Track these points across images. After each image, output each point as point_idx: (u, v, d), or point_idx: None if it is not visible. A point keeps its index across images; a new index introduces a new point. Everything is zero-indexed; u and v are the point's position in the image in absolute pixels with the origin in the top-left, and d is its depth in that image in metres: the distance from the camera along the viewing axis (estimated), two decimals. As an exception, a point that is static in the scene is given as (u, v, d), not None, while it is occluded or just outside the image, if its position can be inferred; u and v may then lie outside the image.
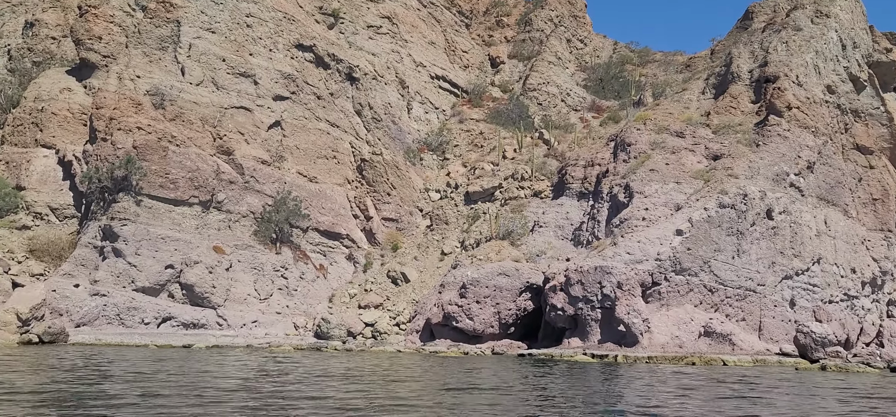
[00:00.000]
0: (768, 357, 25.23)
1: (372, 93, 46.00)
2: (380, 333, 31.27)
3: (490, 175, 43.13)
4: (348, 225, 38.96)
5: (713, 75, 41.53)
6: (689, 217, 27.80)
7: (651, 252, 26.93)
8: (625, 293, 25.79)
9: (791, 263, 30.12)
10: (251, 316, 31.04)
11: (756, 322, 28.70)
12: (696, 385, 15.33)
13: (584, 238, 33.47)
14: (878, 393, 14.63)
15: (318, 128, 40.24)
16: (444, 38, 60.84)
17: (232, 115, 36.40)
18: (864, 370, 19.77)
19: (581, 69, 64.18)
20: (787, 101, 33.75)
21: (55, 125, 34.57)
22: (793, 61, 36.45)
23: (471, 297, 30.11)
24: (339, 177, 40.19)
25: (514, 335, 30.33)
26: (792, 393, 14.28)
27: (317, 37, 42.83)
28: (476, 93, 55.61)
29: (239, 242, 33.36)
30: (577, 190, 36.45)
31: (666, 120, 36.72)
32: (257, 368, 17.18)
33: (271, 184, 35.96)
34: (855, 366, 20.03)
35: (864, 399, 13.73)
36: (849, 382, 16.84)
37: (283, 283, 33.49)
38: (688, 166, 31.94)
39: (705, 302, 27.55)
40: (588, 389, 14.26)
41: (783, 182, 31.49)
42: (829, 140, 35.14)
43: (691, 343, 25.97)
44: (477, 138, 50.45)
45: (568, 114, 55.61)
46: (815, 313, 30.64)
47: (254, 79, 38.05)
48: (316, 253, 36.92)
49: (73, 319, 26.88)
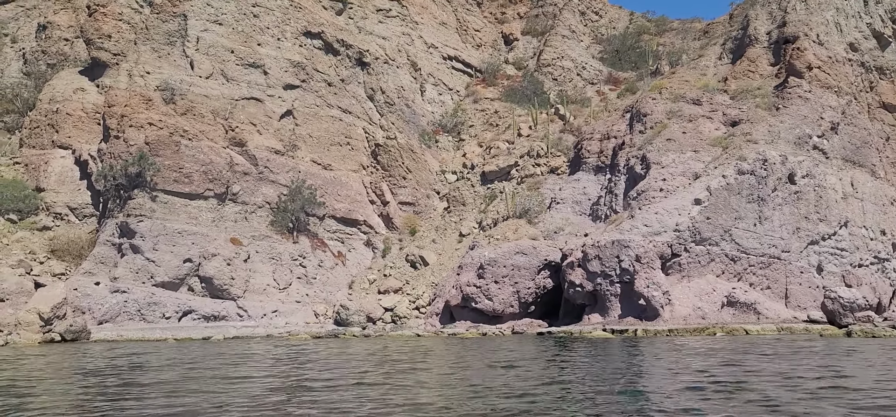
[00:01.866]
0: (795, 324, 24.65)
1: (384, 77, 45.68)
2: (399, 317, 31.15)
3: (505, 154, 42.69)
4: (365, 211, 38.83)
5: (730, 39, 40.58)
6: (708, 185, 27.19)
7: (669, 223, 26.40)
8: (643, 266, 25.33)
9: (817, 228, 29.39)
10: (271, 305, 31.10)
11: (782, 289, 28.08)
12: (705, 354, 14.96)
13: (602, 212, 32.98)
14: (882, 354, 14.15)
15: (330, 116, 40.06)
16: (455, 18, 60.19)
17: (243, 107, 36.35)
18: (892, 333, 19.17)
19: (596, 42, 63.23)
20: (807, 61, 32.82)
21: (70, 125, 34.80)
22: (812, 20, 35.42)
23: (489, 277, 29.82)
24: (353, 163, 40.03)
25: (535, 313, 30.02)
26: (778, 359, 13.84)
27: (325, 23, 42.56)
28: (490, 72, 55.02)
29: (256, 233, 33.38)
30: (593, 164, 35.91)
31: (682, 88, 35.97)
32: (275, 358, 17.12)
33: (285, 173, 35.90)
34: (883, 330, 19.44)
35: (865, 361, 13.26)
36: (869, 346, 16.31)
37: (301, 272, 33.49)
38: (705, 134, 31.24)
39: (728, 271, 26.99)
40: (602, 367, 13.94)
41: (806, 145, 30.68)
42: (853, 99, 34.16)
43: (714, 313, 25.47)
44: (492, 117, 49.96)
45: (584, 88, 54.81)
46: (845, 278, 29.91)
47: (263, 69, 37.93)
48: (334, 240, 36.87)
49: (95, 317, 27.11)
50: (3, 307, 25.08)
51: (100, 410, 9.38)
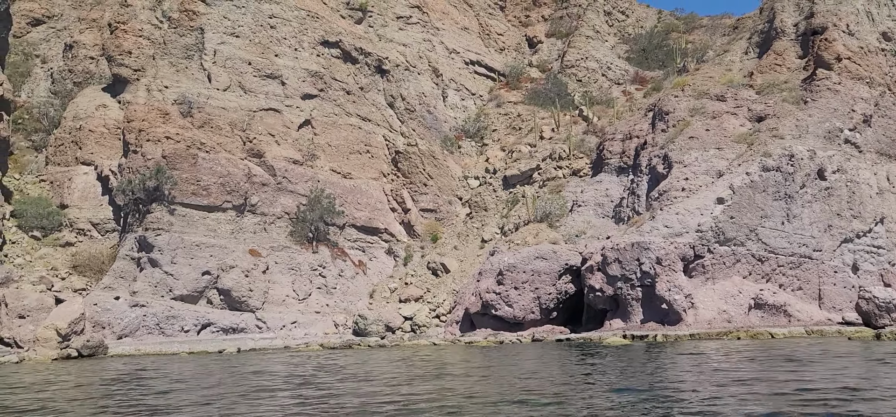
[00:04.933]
0: (827, 327, 23.56)
1: (404, 84, 45.42)
2: (419, 326, 30.70)
3: (527, 157, 42.04)
4: (386, 219, 38.53)
5: (756, 33, 39.36)
6: (731, 183, 26.22)
7: (691, 223, 25.50)
8: (665, 268, 24.48)
9: (850, 225, 28.16)
10: (290, 317, 30.93)
11: (815, 290, 26.93)
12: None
13: (624, 214, 32.12)
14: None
15: (349, 124, 39.90)
16: (477, 23, 59.75)
17: (261, 118, 36.37)
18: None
19: (622, 41, 62.18)
20: (836, 52, 31.58)
21: (93, 142, 35.20)
22: (842, 9, 34.10)
23: (508, 283, 29.21)
24: (373, 171, 39.78)
25: (557, 320, 29.30)
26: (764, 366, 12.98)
27: (342, 32, 42.48)
28: (513, 76, 54.41)
29: (275, 244, 33.30)
30: (615, 165, 35.07)
31: (706, 84, 34.95)
32: (256, 373, 16.80)
33: (304, 183, 35.80)
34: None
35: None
36: (885, 350, 15.31)
37: (321, 282, 33.29)
38: (730, 130, 30.22)
39: (755, 272, 25.96)
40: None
41: (836, 139, 29.46)
42: (887, 90, 32.75)
43: (741, 316, 24.49)
44: (515, 121, 49.33)
45: (610, 88, 53.86)
46: (883, 277, 28.67)
47: (281, 79, 37.94)
48: (354, 249, 36.62)
49: (115, 331, 27.22)
50: (24, 324, 25.29)
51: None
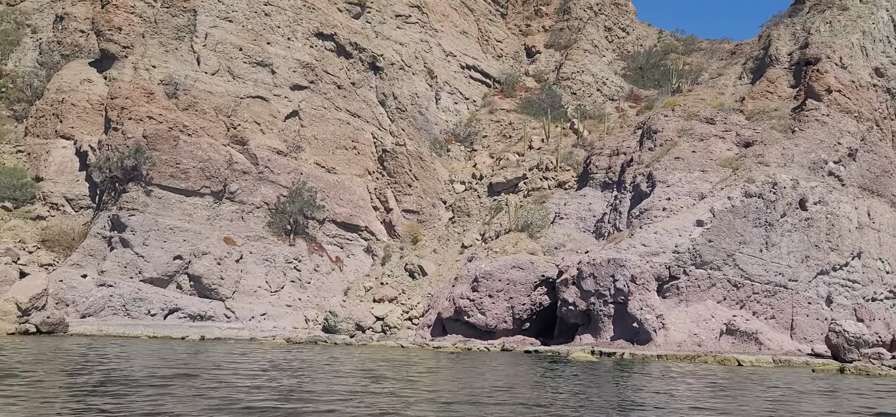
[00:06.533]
0: (795, 357, 23.29)
1: (397, 83, 45.11)
2: (390, 328, 30.36)
3: (514, 166, 41.77)
4: (367, 216, 38.20)
5: (751, 59, 39.23)
6: (712, 207, 25.97)
7: (668, 244, 25.24)
8: (639, 287, 24.20)
9: (828, 257, 27.94)
10: (260, 308, 30.54)
11: (788, 320, 26.69)
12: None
13: (605, 230, 31.85)
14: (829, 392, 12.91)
15: (337, 119, 39.57)
16: (477, 28, 59.54)
17: (248, 105, 36.02)
18: (889, 373, 17.81)
19: (621, 58, 62.12)
20: (827, 84, 31.41)
21: (74, 116, 34.79)
22: (836, 42, 33.97)
23: (483, 291, 28.91)
24: (358, 167, 39.45)
25: (530, 331, 29.01)
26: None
27: (338, 25, 42.17)
28: (508, 83, 54.21)
29: (251, 233, 32.92)
30: (600, 180, 34.81)
31: (696, 106, 34.75)
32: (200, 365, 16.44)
33: (287, 174, 35.44)
34: (880, 369, 18.09)
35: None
36: (836, 384, 15.03)
37: (295, 276, 32.92)
38: (716, 154, 29.99)
39: (730, 297, 25.70)
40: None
41: (820, 170, 29.26)
42: (874, 126, 32.60)
43: (712, 341, 24.22)
44: (506, 128, 49.09)
45: (604, 103, 53.72)
46: (856, 311, 28.33)
47: (271, 68, 37.61)
48: (332, 245, 36.27)
49: (78, 310, 26.80)
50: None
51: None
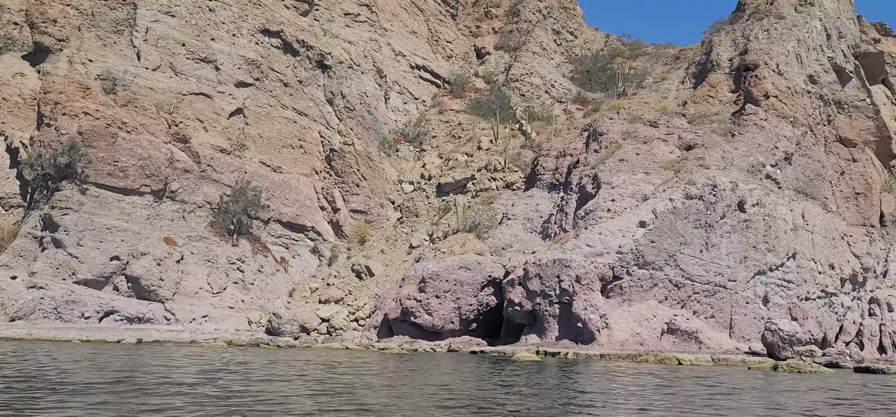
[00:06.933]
0: (733, 356, 23.88)
1: (346, 81, 44.68)
2: (335, 329, 30.00)
3: (463, 166, 41.84)
4: (314, 216, 37.70)
5: (694, 65, 40.13)
6: (654, 208, 26.45)
7: (613, 244, 25.59)
8: (583, 287, 24.47)
9: (765, 258, 28.75)
10: (201, 310, 29.80)
11: (726, 319, 27.36)
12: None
13: (552, 231, 32.14)
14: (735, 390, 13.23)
15: (283, 117, 38.95)
16: (427, 28, 59.48)
17: (190, 102, 35.14)
18: (819, 370, 18.40)
19: (569, 61, 62.87)
20: (764, 90, 32.36)
21: (5, 111, 33.34)
22: (773, 50, 35.03)
23: (430, 292, 28.82)
24: (305, 167, 38.91)
25: (477, 331, 29.04)
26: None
27: (285, 22, 41.53)
28: (458, 84, 54.30)
29: (193, 233, 32.11)
30: (547, 181, 35.14)
31: (641, 109, 35.37)
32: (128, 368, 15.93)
33: (230, 173, 34.71)
34: (810, 366, 18.67)
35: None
36: (770, 382, 15.46)
37: (238, 276, 32.25)
38: (659, 156, 30.57)
39: (671, 297, 26.21)
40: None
41: (758, 173, 30.11)
42: (809, 131, 33.72)
43: (654, 340, 24.65)
44: (456, 129, 49.15)
45: (552, 105, 54.28)
46: (791, 310, 29.29)
47: (215, 64, 36.79)
48: (277, 245, 35.67)
49: (7, 313, 25.68)
50: None
51: None
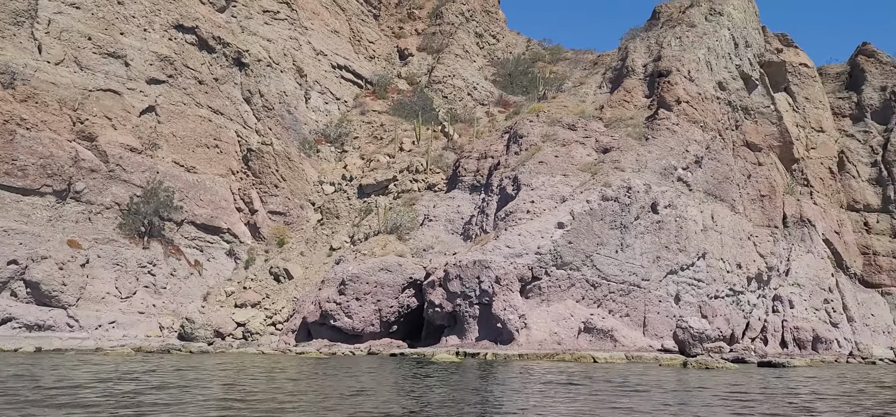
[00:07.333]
0: (647, 353, 24.58)
1: (265, 80, 43.61)
2: (252, 334, 29.17)
3: (385, 167, 41.55)
4: (230, 218, 36.58)
5: (610, 70, 41.24)
6: (571, 209, 26.94)
7: (531, 245, 25.91)
8: (503, 288, 24.65)
9: (676, 258, 29.76)
10: (109, 316, 28.39)
11: (640, 317, 28.15)
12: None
13: (473, 232, 32.29)
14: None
15: (198, 115, 37.64)
16: (349, 28, 58.83)
17: (97, 98, 33.47)
18: (725, 365, 19.17)
19: (491, 64, 63.49)
20: (676, 96, 33.53)
21: None
22: (685, 56, 36.37)
23: (350, 294, 28.42)
24: (221, 167, 37.71)
25: (397, 333, 28.84)
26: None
27: (200, 18, 40.17)
28: (381, 85, 53.93)
29: (100, 236, 30.56)
30: (469, 183, 35.30)
31: (560, 112, 36.03)
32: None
33: (141, 173, 33.25)
34: (717, 362, 19.43)
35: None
36: (681, 377, 16.01)
37: (149, 280, 30.91)
38: (577, 159, 31.19)
39: (588, 297, 26.75)
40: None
41: (670, 176, 31.15)
42: (718, 135, 35.17)
43: (571, 339, 25.08)
44: (378, 130, 48.78)
45: (474, 108, 54.64)
46: (701, 308, 30.43)
47: (125, 60, 35.18)
48: (191, 248, 34.41)
49: None
50: None
51: None
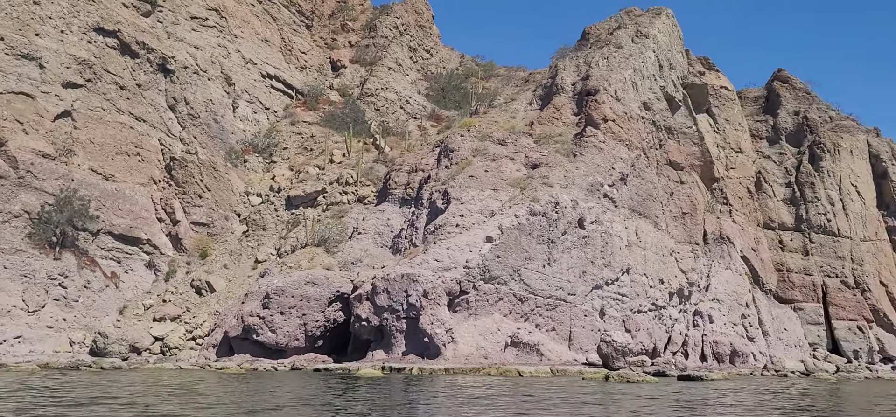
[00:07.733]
0: (572, 367, 24.84)
1: (190, 87, 42.38)
2: (170, 349, 28.06)
3: (314, 179, 40.91)
4: (150, 229, 35.22)
5: (541, 87, 41.84)
6: (500, 224, 27.08)
7: (460, 259, 25.88)
8: (430, 302, 24.50)
9: (602, 273, 30.27)
10: (14, 330, 26.79)
11: (567, 331, 28.45)
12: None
13: (402, 245, 32.06)
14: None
15: (118, 121, 36.19)
16: (280, 37, 57.92)
17: (8, 101, 31.76)
18: (646, 379, 19.57)
19: (424, 78, 63.63)
20: (603, 114, 34.27)
21: None
22: (612, 76, 37.24)
23: (274, 307, 27.71)
24: (142, 175, 36.32)
25: (323, 348, 28.27)
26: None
27: (123, 22, 38.75)
28: (312, 96, 53.22)
29: (7, 246, 28.89)
30: (399, 196, 35.10)
31: (490, 127, 36.29)
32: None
33: (54, 180, 31.66)
34: (638, 376, 19.81)
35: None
36: (602, 391, 16.24)
37: (60, 293, 29.38)
38: (507, 174, 31.44)
39: (515, 311, 26.88)
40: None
41: (597, 192, 31.74)
42: (642, 154, 36.09)
43: (498, 353, 25.11)
44: (308, 141, 48.07)
45: (406, 121, 54.57)
46: (625, 322, 31.01)
47: (39, 62, 33.54)
48: (108, 259, 32.93)
49: None
50: None
51: None
